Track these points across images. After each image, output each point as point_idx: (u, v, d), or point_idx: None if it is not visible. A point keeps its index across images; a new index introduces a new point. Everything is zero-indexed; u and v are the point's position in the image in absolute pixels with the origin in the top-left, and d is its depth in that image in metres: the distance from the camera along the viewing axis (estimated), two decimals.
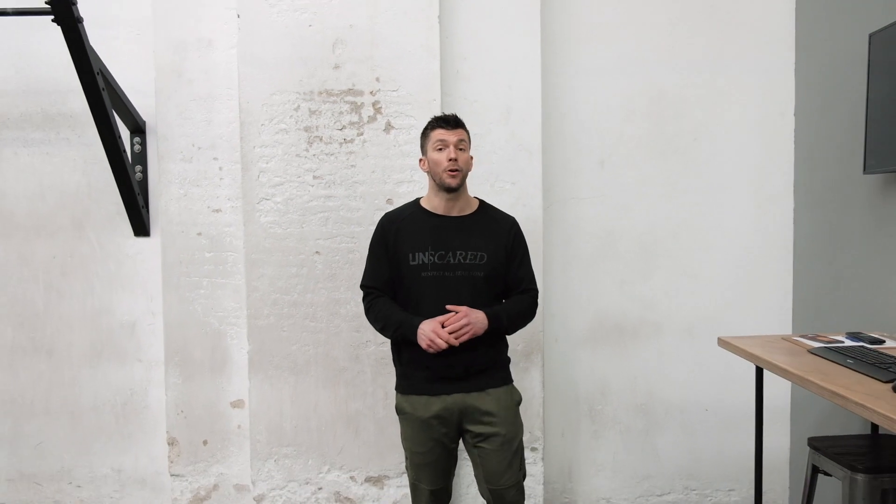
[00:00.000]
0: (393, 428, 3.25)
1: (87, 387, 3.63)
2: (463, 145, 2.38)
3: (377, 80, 3.18)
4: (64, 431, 3.65)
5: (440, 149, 2.35)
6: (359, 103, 3.19)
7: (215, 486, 3.46)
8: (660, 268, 3.56)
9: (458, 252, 2.39)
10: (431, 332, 2.28)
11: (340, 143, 3.20)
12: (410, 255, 2.42)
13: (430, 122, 2.47)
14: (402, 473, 3.26)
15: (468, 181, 2.47)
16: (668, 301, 3.57)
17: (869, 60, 2.66)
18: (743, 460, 3.50)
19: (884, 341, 2.39)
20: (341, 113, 3.19)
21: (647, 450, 3.65)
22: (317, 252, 3.24)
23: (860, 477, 2.12)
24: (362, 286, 2.59)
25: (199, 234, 3.37)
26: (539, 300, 2.61)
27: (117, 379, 3.62)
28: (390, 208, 3.01)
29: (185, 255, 3.37)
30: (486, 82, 3.29)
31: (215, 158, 3.34)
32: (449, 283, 2.38)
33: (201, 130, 3.33)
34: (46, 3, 2.80)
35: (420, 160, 2.51)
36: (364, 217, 3.21)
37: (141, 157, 3.50)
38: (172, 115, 3.32)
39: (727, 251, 3.55)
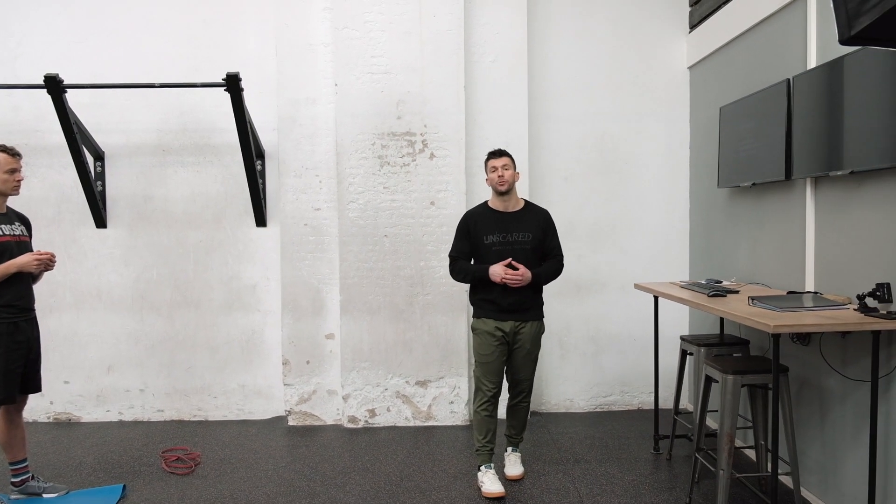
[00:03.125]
0: (434, 350, 5.08)
1: (221, 329, 5.36)
2: (507, 166, 3.83)
3: (425, 126, 4.99)
4: (205, 359, 5.37)
5: (493, 170, 3.90)
6: (413, 141, 5.00)
7: (314, 391, 5.22)
8: (603, 246, 5.42)
9: (514, 234, 3.80)
10: (500, 268, 3.77)
11: (401, 166, 5.01)
12: (485, 237, 3.81)
13: (487, 155, 3.97)
14: (441, 378, 5.08)
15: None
16: (609, 268, 5.43)
17: (720, 119, 4.57)
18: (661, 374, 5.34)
19: (721, 282, 4.29)
20: (401, 146, 5.00)
21: (596, 366, 5.50)
22: (385, 236, 5.03)
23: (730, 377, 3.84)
24: (450, 255, 4.07)
25: (305, 224, 5.13)
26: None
27: (243, 323, 5.36)
28: (434, 208, 4.88)
29: (296, 238, 5.13)
30: (493, 127, 5.11)
31: (317, 175, 5.11)
32: (508, 253, 3.77)
33: (308, 157, 5.10)
34: (224, 80, 4.53)
35: (486, 179, 4.01)
36: (416, 213, 5.01)
37: (262, 174, 5.24)
38: (289, 146, 5.09)
39: (646, 235, 5.42)
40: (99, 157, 5.18)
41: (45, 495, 3.81)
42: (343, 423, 5.16)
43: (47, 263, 3.59)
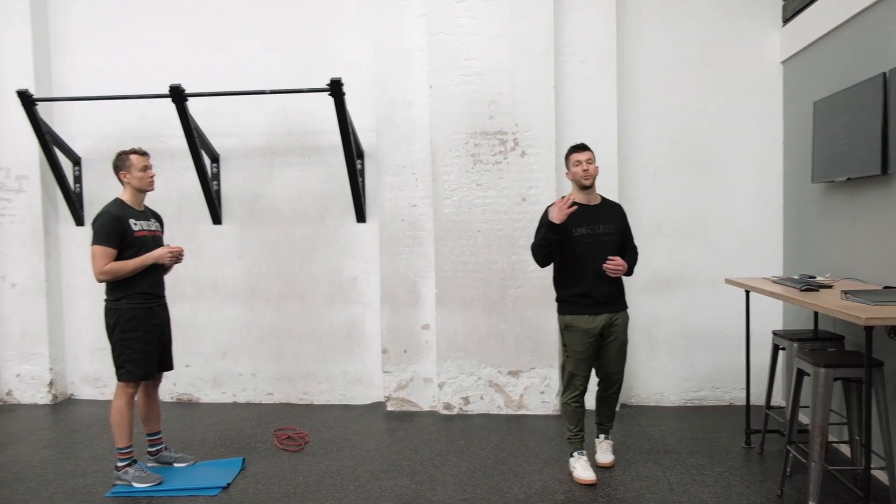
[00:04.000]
0: (526, 342, 5.26)
1: (325, 319, 5.72)
2: (591, 160, 3.96)
3: (516, 125, 5.18)
4: (310, 348, 5.74)
5: (577, 164, 4.03)
6: (504, 139, 5.20)
7: (411, 379, 5.50)
8: (692, 242, 5.46)
9: (601, 226, 3.93)
10: (559, 203, 3.80)
11: (493, 164, 5.22)
12: (574, 229, 3.89)
13: (569, 150, 4.12)
14: (532, 369, 5.27)
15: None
16: (698, 263, 5.46)
17: (814, 114, 4.55)
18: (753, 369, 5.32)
19: (815, 276, 4.28)
20: (493, 145, 5.21)
21: (686, 361, 5.54)
22: (478, 231, 5.26)
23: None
24: (531, 245, 4.17)
25: (403, 220, 5.41)
26: None
27: (344, 314, 5.70)
28: (525, 204, 5.07)
29: (394, 234, 5.42)
30: (581, 125, 5.24)
31: (413, 173, 5.38)
32: (597, 245, 3.90)
33: (404, 156, 5.38)
34: (328, 85, 4.85)
35: (566, 173, 4.17)
36: (508, 209, 5.21)
37: (362, 173, 5.55)
38: (387, 146, 5.38)
39: (736, 231, 5.41)
40: (215, 159, 5.62)
41: (175, 464, 4.24)
42: (438, 409, 5.41)
43: (178, 256, 4.00)
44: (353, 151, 5.21)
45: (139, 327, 3.89)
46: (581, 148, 4.04)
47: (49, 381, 5.79)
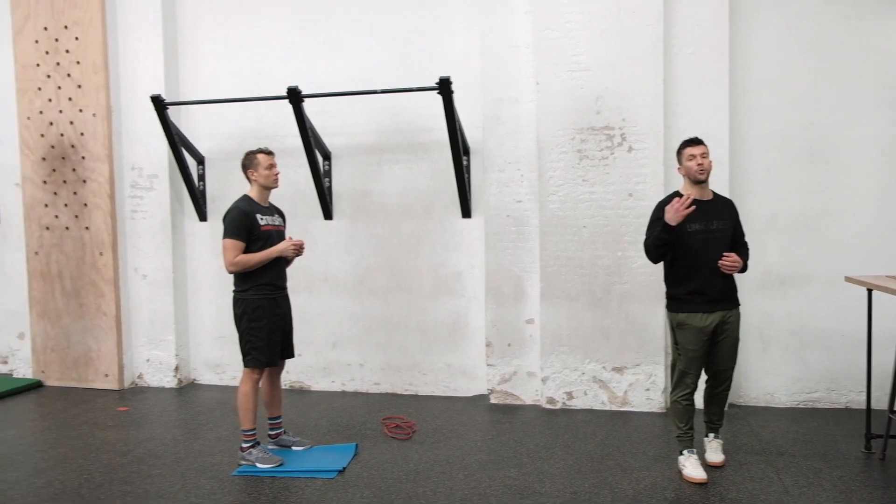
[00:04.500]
0: (631, 338, 5.23)
1: (430, 312, 5.86)
2: (706, 154, 3.88)
3: (623, 119, 5.15)
4: (416, 340, 5.90)
5: (691, 158, 3.95)
6: (611, 134, 5.17)
7: (514, 373, 5.57)
8: (808, 238, 5.26)
9: (714, 222, 3.87)
10: (676, 203, 3.72)
11: (600, 160, 5.20)
12: (687, 225, 3.80)
13: (681, 144, 4.05)
14: (637, 365, 5.23)
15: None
16: (814, 261, 5.25)
17: None
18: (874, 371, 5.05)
19: None
20: (600, 140, 5.19)
21: (800, 362, 5.35)
22: (584, 226, 5.26)
23: None
24: (644, 242, 4.15)
25: (508, 216, 5.48)
26: None
27: (449, 307, 5.83)
28: (632, 200, 5.05)
29: (499, 229, 5.49)
30: (691, 118, 5.14)
31: (518, 169, 5.44)
32: (711, 241, 3.86)
33: (510, 152, 5.44)
34: (437, 84, 4.97)
35: (678, 168, 4.11)
36: (614, 204, 5.19)
37: (467, 169, 5.65)
38: (493, 143, 5.46)
39: (856, 227, 5.17)
40: (327, 157, 5.86)
41: (293, 448, 4.48)
42: (541, 403, 5.46)
43: (300, 249, 4.22)
44: (459, 148, 5.31)
45: (264, 317, 4.13)
46: (695, 142, 3.98)
47: (175, 367, 6.21)
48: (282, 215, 4.44)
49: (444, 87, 4.96)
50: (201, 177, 6.15)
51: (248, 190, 4.31)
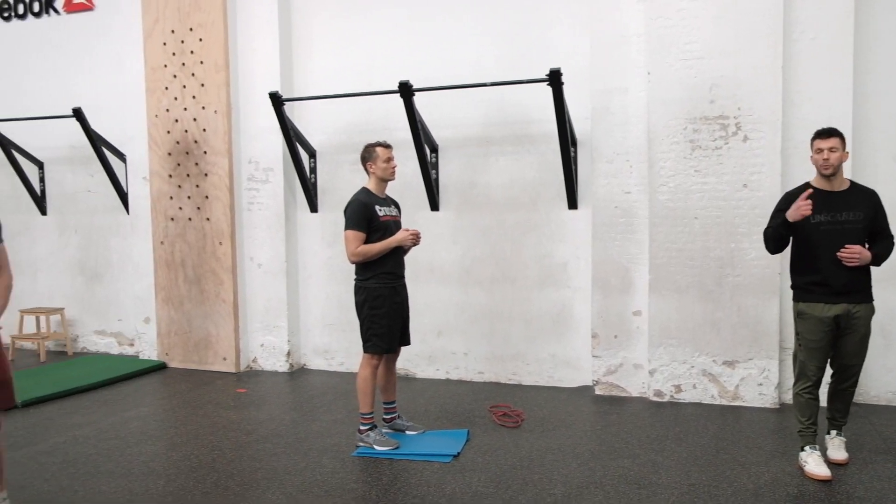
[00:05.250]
0: (743, 331, 5.12)
1: (535, 303, 5.90)
2: (835, 148, 3.70)
3: (738, 108, 5.03)
4: (520, 330, 5.96)
5: (818, 151, 3.81)
6: (726, 124, 5.06)
7: (620, 364, 5.54)
8: None
9: (843, 213, 3.73)
10: (801, 201, 3.64)
11: (713, 150, 5.10)
12: (811, 217, 3.67)
13: (814, 134, 3.87)
14: (749, 360, 5.12)
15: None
16: None
17: None
18: None
19: None
20: (714, 130, 5.09)
21: None
22: (695, 217, 5.17)
23: None
24: (763, 232, 4.07)
25: (616, 207, 5.45)
26: None
27: (554, 298, 5.85)
28: (747, 190, 4.93)
29: (606, 220, 5.47)
30: (812, 106, 4.96)
31: (627, 160, 5.40)
32: (837, 232, 3.71)
33: (619, 143, 5.40)
34: (547, 76, 4.98)
35: (811, 157, 3.91)
36: (728, 195, 5.08)
37: (575, 160, 5.65)
38: (601, 134, 5.44)
39: None
40: (434, 149, 5.98)
41: (407, 432, 4.62)
42: (648, 395, 5.42)
43: (417, 239, 4.34)
44: (568, 140, 5.32)
45: (384, 304, 4.28)
46: (825, 134, 3.83)
47: (287, 352, 6.49)
48: (397, 206, 4.58)
49: (555, 78, 4.97)
50: (312, 169, 6.39)
51: (365, 182, 4.46)
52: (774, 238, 3.89)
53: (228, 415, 5.20)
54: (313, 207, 6.43)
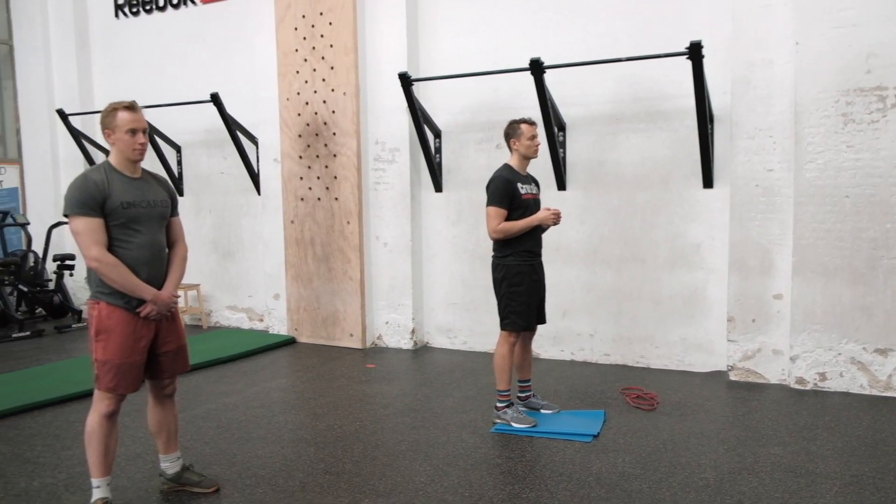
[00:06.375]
0: None
1: (665, 284, 5.75)
2: None
3: None
4: (649, 311, 5.83)
5: None
6: (884, 96, 4.74)
7: (758, 350, 5.33)
8: None
9: None
10: None
11: (868, 124, 4.79)
12: None
13: None
14: None
15: None
16: None
17: None
18: None
19: None
20: (870, 103, 4.77)
21: None
22: (846, 196, 4.88)
23: None
24: None
25: (756, 185, 5.21)
26: None
27: (685, 280, 5.68)
28: None
29: (746, 199, 5.25)
30: None
31: (770, 136, 5.14)
32: None
33: (761, 118, 5.16)
34: (686, 49, 4.80)
35: None
36: (884, 172, 4.76)
37: (711, 137, 5.43)
38: (742, 109, 5.20)
39: None
40: (561, 127, 5.90)
41: (542, 410, 4.61)
42: (789, 383, 5.18)
43: (557, 218, 4.30)
44: (706, 116, 5.13)
45: (524, 282, 4.27)
46: None
47: (411, 329, 6.61)
48: (537, 184, 4.55)
49: (695, 51, 4.79)
50: (437, 149, 6.43)
51: (508, 159, 4.44)
52: None
53: (362, 388, 5.35)
54: (438, 187, 6.49)
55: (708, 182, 5.48)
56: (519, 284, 4.26)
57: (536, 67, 5.27)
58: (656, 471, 3.70)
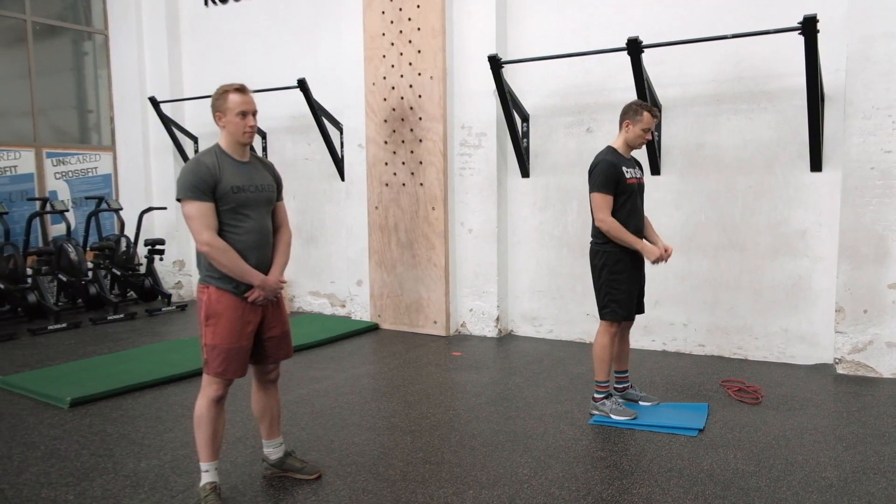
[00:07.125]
0: None
1: (767, 272, 5.48)
2: None
3: None
4: (748, 301, 5.57)
5: None
6: None
7: (870, 342, 5.02)
8: None
9: None
10: None
11: None
12: None
13: None
14: None
15: None
16: None
17: None
18: None
19: None
20: None
21: None
22: None
23: None
24: None
25: (872, 168, 4.89)
26: None
27: (789, 268, 5.40)
28: None
29: (860, 183, 4.93)
30: None
31: (889, 115, 4.81)
32: None
33: (880, 96, 4.82)
34: (799, 24, 4.52)
35: None
36: None
37: (822, 117, 5.12)
38: (858, 86, 4.88)
39: None
40: (659, 109, 5.67)
41: (640, 402, 4.45)
42: None
43: (666, 260, 4.20)
44: (818, 95, 4.84)
45: (626, 270, 4.11)
46: None
47: (496, 317, 6.51)
48: (641, 168, 4.36)
49: (809, 26, 4.51)
50: (525, 134, 6.30)
51: (612, 141, 4.27)
52: None
53: (450, 376, 5.30)
54: (525, 172, 6.35)
55: (816, 165, 5.18)
56: (621, 272, 4.10)
57: (634, 47, 5.07)
58: (772, 468, 3.50)
